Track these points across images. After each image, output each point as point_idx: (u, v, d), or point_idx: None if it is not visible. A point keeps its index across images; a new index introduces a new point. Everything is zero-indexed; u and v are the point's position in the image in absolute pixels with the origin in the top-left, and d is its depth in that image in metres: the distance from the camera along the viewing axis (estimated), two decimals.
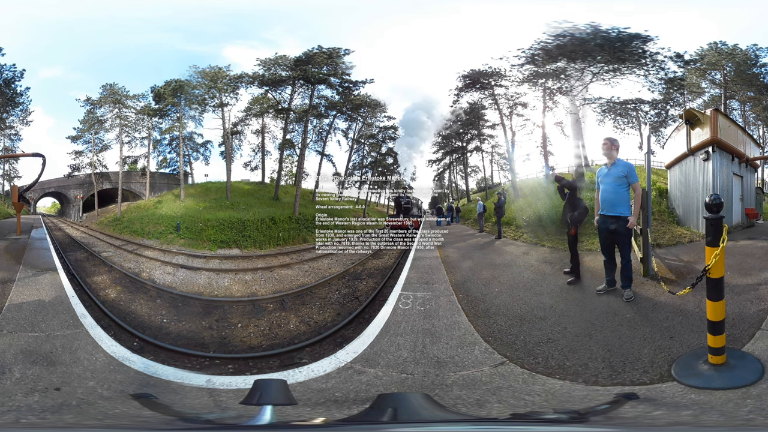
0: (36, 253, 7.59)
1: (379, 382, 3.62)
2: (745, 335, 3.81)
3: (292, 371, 3.94)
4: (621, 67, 9.16)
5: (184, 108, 10.59)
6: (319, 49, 9.74)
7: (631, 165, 5.17)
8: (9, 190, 10.33)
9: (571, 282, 5.86)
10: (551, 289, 5.77)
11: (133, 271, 7.75)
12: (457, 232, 10.50)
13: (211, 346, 5.19)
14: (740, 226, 8.34)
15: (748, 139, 8.78)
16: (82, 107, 10.47)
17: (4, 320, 4.52)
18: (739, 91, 9.44)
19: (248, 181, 11.66)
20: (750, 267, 5.73)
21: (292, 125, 10.82)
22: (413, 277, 6.37)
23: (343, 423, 2.50)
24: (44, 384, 3.30)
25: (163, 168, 11.37)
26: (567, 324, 4.57)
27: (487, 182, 11.90)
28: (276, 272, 8.00)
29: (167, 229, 9.67)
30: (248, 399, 2.23)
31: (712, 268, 3.25)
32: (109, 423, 2.73)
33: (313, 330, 5.64)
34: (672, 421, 2.61)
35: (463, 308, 5.11)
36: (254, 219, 9.93)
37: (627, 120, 10.08)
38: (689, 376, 3.26)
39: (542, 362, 3.79)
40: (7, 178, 10.81)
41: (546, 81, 9.64)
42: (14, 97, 9.74)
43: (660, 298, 4.97)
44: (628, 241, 5.15)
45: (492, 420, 2.83)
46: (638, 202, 5.11)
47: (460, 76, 10.09)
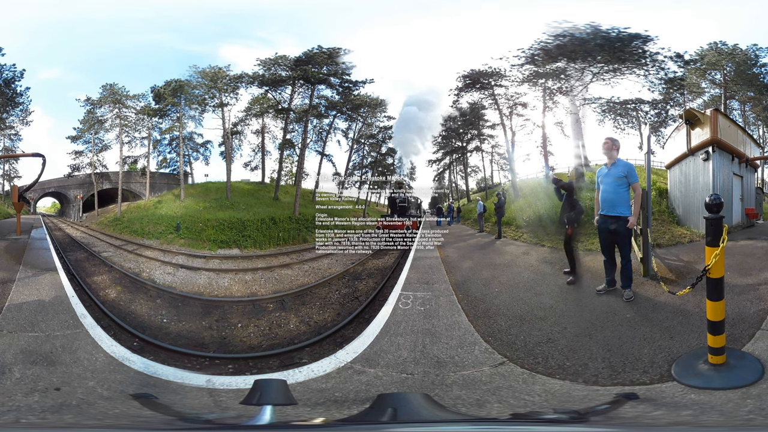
0: (36, 253, 7.59)
1: (379, 382, 3.62)
2: (745, 335, 3.81)
3: (292, 371, 3.95)
4: (621, 67, 9.16)
5: (184, 108, 10.59)
6: (319, 49, 9.74)
7: (631, 165, 5.17)
8: (9, 190, 10.32)
9: (570, 282, 5.86)
10: (551, 289, 5.77)
11: (133, 271, 7.75)
12: (457, 232, 10.49)
13: (211, 346, 5.19)
14: (740, 226, 8.34)
15: (748, 139, 8.78)
16: (82, 107, 10.48)
17: (4, 320, 4.52)
18: (739, 91, 9.43)
19: (248, 181, 11.66)
20: (750, 267, 5.73)
21: (292, 125, 10.82)
22: (413, 277, 6.37)
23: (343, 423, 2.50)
24: (44, 384, 3.30)
25: (163, 168, 11.38)
26: (567, 324, 4.57)
27: (487, 182, 11.89)
28: (276, 272, 8.00)
29: (167, 229, 9.67)
30: (248, 399, 2.24)
31: (712, 268, 3.25)
32: (109, 423, 2.74)
33: (313, 330, 5.64)
34: (672, 421, 2.61)
35: (463, 308, 5.10)
36: (254, 219, 9.93)
37: (627, 120, 10.08)
38: (689, 376, 3.26)
39: (542, 362, 3.79)
40: (7, 178, 10.81)
41: (546, 81, 9.64)
42: (14, 97, 9.74)
43: (660, 298, 4.96)
44: (628, 241, 5.15)
45: (492, 420, 2.83)
46: (638, 202, 5.11)
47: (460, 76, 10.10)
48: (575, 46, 8.88)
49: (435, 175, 11.93)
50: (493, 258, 7.81)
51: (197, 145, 11.09)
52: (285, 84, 10.27)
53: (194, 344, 5.20)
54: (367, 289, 6.94)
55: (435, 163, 11.85)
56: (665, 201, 8.95)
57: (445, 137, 11.52)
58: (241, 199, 10.81)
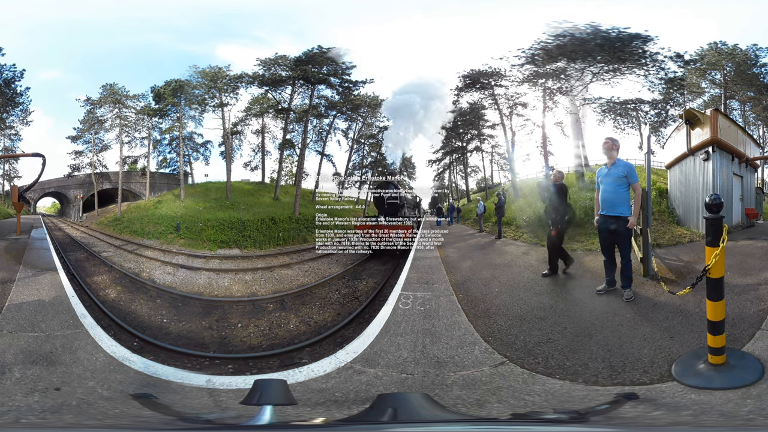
0: (36, 253, 7.58)
1: (379, 382, 3.62)
2: (745, 335, 3.81)
3: (292, 371, 3.94)
4: (621, 67, 9.16)
5: (184, 108, 10.60)
6: (319, 49, 9.74)
7: (631, 165, 5.17)
8: (9, 190, 10.33)
9: (545, 274, 6.16)
10: (551, 289, 5.77)
11: (133, 271, 7.75)
12: (457, 232, 10.49)
13: (211, 346, 5.19)
14: (740, 226, 8.34)
15: (748, 139, 8.78)
16: (82, 107, 10.49)
17: (4, 320, 4.52)
18: (739, 91, 9.43)
19: (248, 181, 11.66)
20: (750, 267, 5.73)
21: (292, 125, 10.83)
22: (413, 277, 6.36)
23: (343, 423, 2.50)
24: (44, 384, 3.30)
25: (163, 168, 11.39)
26: (567, 324, 4.57)
27: (487, 182, 11.90)
28: (276, 272, 8.00)
29: (167, 229, 9.67)
30: (248, 399, 2.24)
31: (712, 268, 3.24)
32: (109, 423, 2.73)
33: (313, 330, 5.64)
34: (672, 421, 2.61)
35: (463, 308, 5.10)
36: (254, 219, 9.93)
37: (627, 120, 10.08)
38: (689, 376, 3.26)
39: (542, 362, 3.79)
40: (7, 178, 10.82)
41: (546, 81, 9.64)
42: (14, 97, 9.74)
43: (660, 298, 4.96)
44: (628, 241, 5.15)
45: (492, 420, 2.83)
46: (638, 202, 5.11)
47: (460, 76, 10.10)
48: (575, 46, 8.88)
49: (435, 175, 11.94)
50: (493, 258, 7.81)
51: (197, 145, 11.11)
52: (285, 84, 10.27)
53: (194, 344, 5.21)
54: (367, 289, 6.95)
55: (435, 163, 11.87)
56: (665, 201, 8.95)
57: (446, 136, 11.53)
58: (242, 199, 10.82)
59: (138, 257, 8.57)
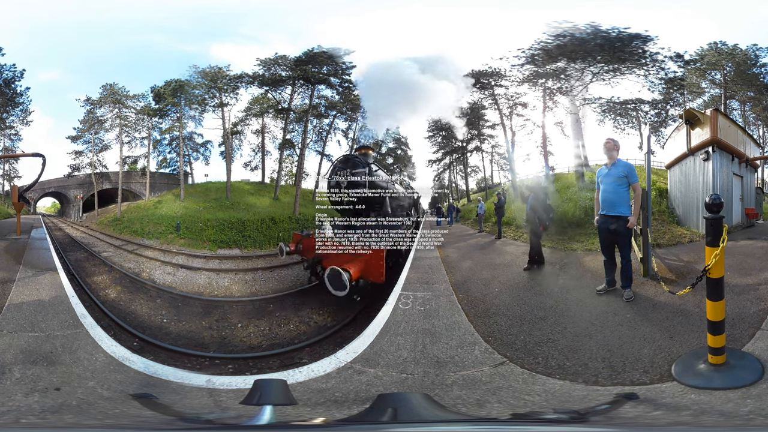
0: (36, 253, 7.58)
1: (379, 382, 3.62)
2: (745, 335, 3.81)
3: (292, 371, 3.94)
4: (621, 67, 9.16)
5: (184, 108, 10.60)
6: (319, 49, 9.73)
7: (631, 165, 5.18)
8: (9, 190, 10.32)
9: (527, 268, 6.55)
10: (551, 289, 5.77)
11: (133, 271, 7.75)
12: (457, 232, 10.49)
13: (211, 346, 5.20)
14: (740, 226, 8.34)
15: (748, 139, 8.78)
16: (82, 107, 10.49)
17: (4, 320, 4.52)
18: (739, 91, 9.43)
19: (248, 181, 11.66)
20: (750, 267, 5.73)
21: (292, 125, 10.83)
22: (413, 277, 6.36)
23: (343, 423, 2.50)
24: (44, 384, 3.30)
25: (163, 168, 11.38)
26: (567, 324, 4.57)
27: (487, 182, 11.90)
28: (276, 272, 7.99)
29: (167, 229, 9.67)
30: (248, 399, 2.24)
31: (712, 268, 3.24)
32: (109, 423, 2.74)
33: (313, 330, 5.64)
34: (672, 421, 2.61)
35: (463, 308, 5.10)
36: (254, 219, 9.93)
37: (627, 120, 10.08)
38: (689, 376, 3.26)
39: (542, 362, 3.79)
40: (7, 178, 10.81)
41: (546, 81, 9.64)
42: (14, 97, 9.74)
43: (660, 298, 4.96)
44: (628, 241, 5.15)
45: (492, 420, 2.83)
46: (638, 202, 5.11)
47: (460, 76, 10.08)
48: (575, 46, 8.88)
49: (435, 175, 11.93)
50: (493, 258, 7.80)
51: (197, 145, 11.11)
52: (285, 84, 10.27)
53: (194, 344, 5.21)
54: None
55: (435, 163, 11.86)
56: (665, 201, 8.95)
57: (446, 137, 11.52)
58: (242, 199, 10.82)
59: (138, 257, 8.56)
